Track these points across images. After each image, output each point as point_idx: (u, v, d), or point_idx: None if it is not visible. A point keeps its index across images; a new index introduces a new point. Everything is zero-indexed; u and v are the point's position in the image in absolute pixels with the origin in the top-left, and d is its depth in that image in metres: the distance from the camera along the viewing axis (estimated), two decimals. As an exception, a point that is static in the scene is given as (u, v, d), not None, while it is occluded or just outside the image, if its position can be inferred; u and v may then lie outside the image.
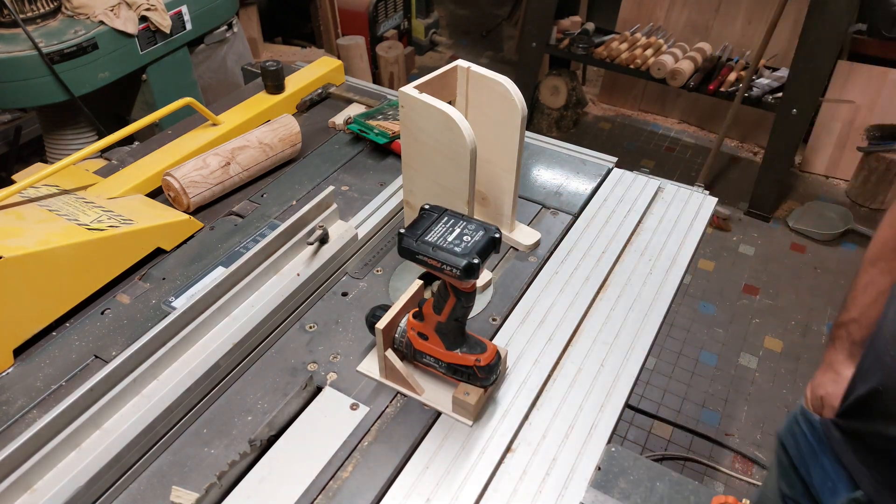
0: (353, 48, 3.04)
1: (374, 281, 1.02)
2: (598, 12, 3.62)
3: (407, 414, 0.82)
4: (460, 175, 0.89)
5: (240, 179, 1.18)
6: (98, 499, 0.73)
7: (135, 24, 1.65)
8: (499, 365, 0.80)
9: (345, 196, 1.18)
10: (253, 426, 0.81)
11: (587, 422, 0.83)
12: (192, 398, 0.82)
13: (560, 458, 0.79)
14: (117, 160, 1.24)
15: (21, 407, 0.83)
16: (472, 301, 0.76)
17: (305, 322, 0.95)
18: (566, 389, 0.87)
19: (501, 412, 0.83)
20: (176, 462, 0.78)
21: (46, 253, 0.89)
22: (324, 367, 0.88)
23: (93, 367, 0.88)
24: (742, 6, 3.05)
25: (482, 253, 0.69)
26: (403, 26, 3.67)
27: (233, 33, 2.02)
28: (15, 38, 1.52)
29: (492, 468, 0.77)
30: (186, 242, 1.08)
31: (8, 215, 0.96)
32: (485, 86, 0.93)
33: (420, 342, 0.81)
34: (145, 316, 0.95)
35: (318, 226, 1.01)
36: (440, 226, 0.73)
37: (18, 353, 0.90)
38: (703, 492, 0.75)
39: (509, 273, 1.03)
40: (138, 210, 1.07)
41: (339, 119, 1.36)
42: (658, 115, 3.48)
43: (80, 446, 0.74)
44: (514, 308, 0.98)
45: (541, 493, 0.75)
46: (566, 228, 1.12)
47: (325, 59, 1.50)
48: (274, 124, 1.23)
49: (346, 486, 0.75)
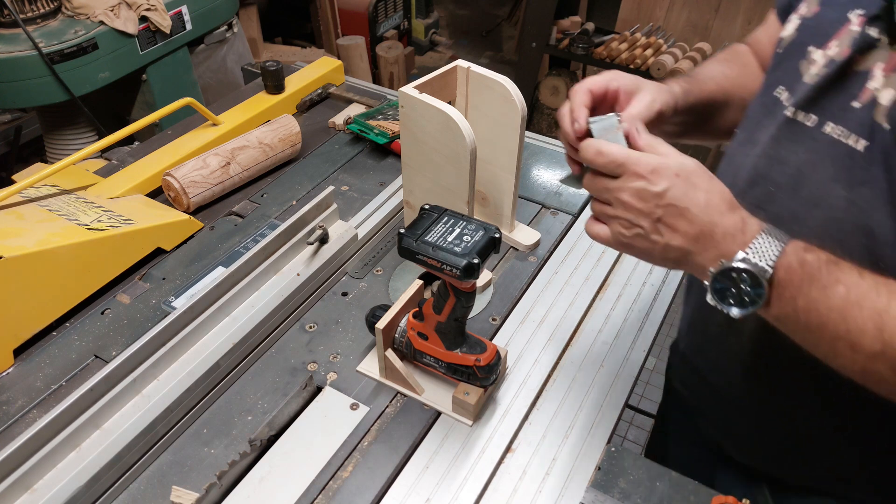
0: (353, 48, 3.04)
1: (374, 281, 1.02)
2: (598, 12, 3.61)
3: (407, 414, 0.82)
4: (460, 175, 0.89)
5: (240, 179, 1.18)
6: (98, 499, 0.73)
7: (135, 24, 1.65)
8: (499, 365, 0.81)
9: (345, 196, 1.18)
10: (253, 426, 0.81)
11: (587, 422, 0.83)
12: (192, 398, 0.82)
13: (560, 458, 0.79)
14: (117, 160, 1.24)
15: (21, 407, 0.83)
16: (472, 301, 0.76)
17: (305, 322, 0.95)
18: (566, 389, 0.87)
19: (501, 412, 0.83)
20: (176, 462, 0.78)
21: (46, 253, 0.89)
22: (324, 367, 0.88)
23: (93, 367, 0.88)
24: (742, 6, 3.05)
25: (482, 253, 0.69)
26: (403, 26, 3.67)
27: (233, 33, 2.02)
28: (15, 38, 1.52)
29: (492, 468, 0.77)
30: (186, 242, 1.08)
31: (8, 215, 0.96)
32: (485, 86, 0.93)
33: (420, 342, 0.81)
34: (145, 316, 0.95)
35: (318, 226, 1.01)
36: (440, 226, 0.73)
37: (18, 353, 0.90)
38: (703, 492, 0.75)
39: (509, 273, 1.03)
40: (138, 210, 1.07)
41: (339, 119, 1.36)
42: (658, 115, 3.47)
43: (80, 446, 0.74)
44: (514, 308, 0.98)
45: (541, 493, 0.75)
46: (566, 228, 1.12)
47: (325, 59, 1.50)
48: (274, 124, 1.23)
49: (346, 485, 0.75)
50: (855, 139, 0.60)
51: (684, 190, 0.56)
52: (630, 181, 0.58)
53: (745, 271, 0.54)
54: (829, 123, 0.63)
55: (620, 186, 0.59)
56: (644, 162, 0.58)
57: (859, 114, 0.60)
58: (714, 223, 0.56)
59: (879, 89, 0.58)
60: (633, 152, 0.59)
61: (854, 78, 0.61)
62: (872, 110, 0.58)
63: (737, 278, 0.54)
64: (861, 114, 0.60)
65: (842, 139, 0.61)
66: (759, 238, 0.54)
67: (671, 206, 0.57)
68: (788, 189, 0.67)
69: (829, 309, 0.53)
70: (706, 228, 0.56)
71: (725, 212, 0.56)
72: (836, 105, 0.62)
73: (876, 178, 0.59)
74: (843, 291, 0.52)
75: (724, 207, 0.56)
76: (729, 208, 0.56)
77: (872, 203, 0.60)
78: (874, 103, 0.58)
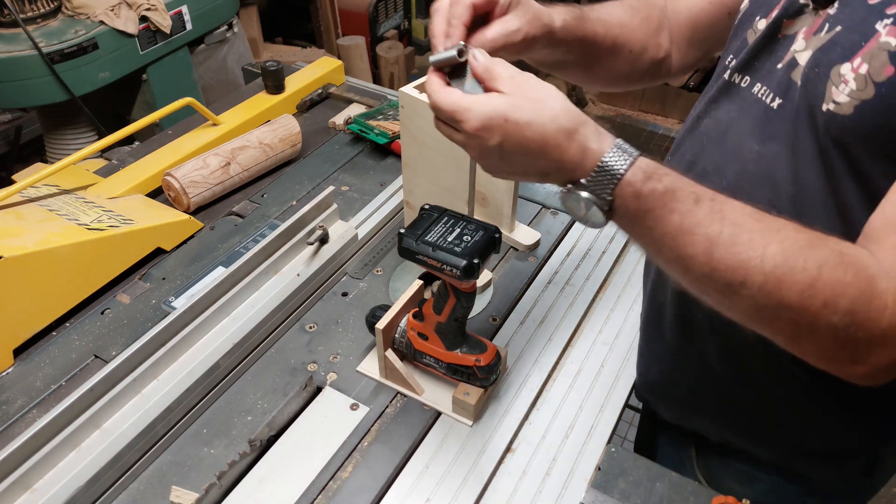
0: (354, 48, 3.04)
1: (374, 281, 1.02)
2: (598, 12, 3.61)
3: (407, 414, 0.82)
4: (460, 175, 0.89)
5: (240, 179, 1.18)
6: (98, 499, 0.73)
7: (135, 24, 1.65)
8: (499, 365, 0.80)
9: (345, 196, 1.18)
10: (253, 426, 0.81)
11: (587, 422, 0.83)
12: (191, 398, 0.82)
13: (560, 458, 0.79)
14: (117, 160, 1.24)
15: (21, 407, 0.83)
16: (472, 301, 0.76)
17: (305, 322, 0.95)
18: (566, 389, 0.87)
19: (501, 412, 0.83)
20: (176, 462, 0.78)
21: (46, 253, 0.89)
22: (324, 367, 0.88)
23: (93, 367, 0.88)
24: (742, 6, 3.05)
25: (482, 253, 0.69)
26: (404, 26, 3.67)
27: (233, 33, 2.02)
28: (15, 38, 1.52)
29: (492, 468, 0.77)
30: (186, 242, 1.08)
31: (8, 215, 0.96)
32: (485, 86, 0.93)
33: (420, 342, 0.81)
34: (145, 316, 0.95)
35: (318, 226, 1.01)
36: (440, 226, 0.73)
37: (18, 353, 0.90)
38: (703, 492, 0.75)
39: (509, 273, 1.03)
40: (138, 210, 1.07)
41: (339, 119, 1.36)
42: (658, 115, 3.48)
43: (80, 446, 0.74)
44: (514, 308, 0.98)
45: (541, 493, 0.75)
46: (566, 228, 1.12)
47: (325, 59, 1.50)
48: (274, 124, 1.23)
49: (346, 486, 0.75)
50: (772, 97, 0.63)
51: (518, 136, 0.56)
52: (467, 138, 0.58)
53: (585, 200, 0.55)
54: (758, 84, 0.65)
55: (462, 142, 0.59)
56: (473, 116, 0.56)
57: (779, 74, 0.62)
58: (555, 158, 0.56)
59: (799, 51, 0.60)
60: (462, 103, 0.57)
61: (782, 42, 0.63)
62: (791, 71, 0.61)
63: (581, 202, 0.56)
64: (781, 74, 0.62)
65: (762, 98, 0.64)
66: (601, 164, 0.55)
67: (511, 155, 0.57)
68: (716, 143, 0.69)
69: (663, 235, 0.54)
70: (550, 165, 0.57)
71: (564, 143, 0.56)
72: (765, 67, 0.65)
73: (784, 134, 0.61)
74: (677, 220, 0.53)
75: (562, 137, 0.55)
76: (567, 137, 0.55)
77: (777, 157, 0.62)
78: (793, 63, 0.61)
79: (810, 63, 0.58)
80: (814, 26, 0.60)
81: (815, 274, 0.50)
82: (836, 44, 0.56)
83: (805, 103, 0.58)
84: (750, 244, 0.52)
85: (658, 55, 0.84)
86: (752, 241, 0.52)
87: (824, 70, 0.56)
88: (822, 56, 0.57)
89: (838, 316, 0.50)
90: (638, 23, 0.82)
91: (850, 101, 0.53)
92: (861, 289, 0.50)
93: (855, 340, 0.51)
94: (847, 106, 0.54)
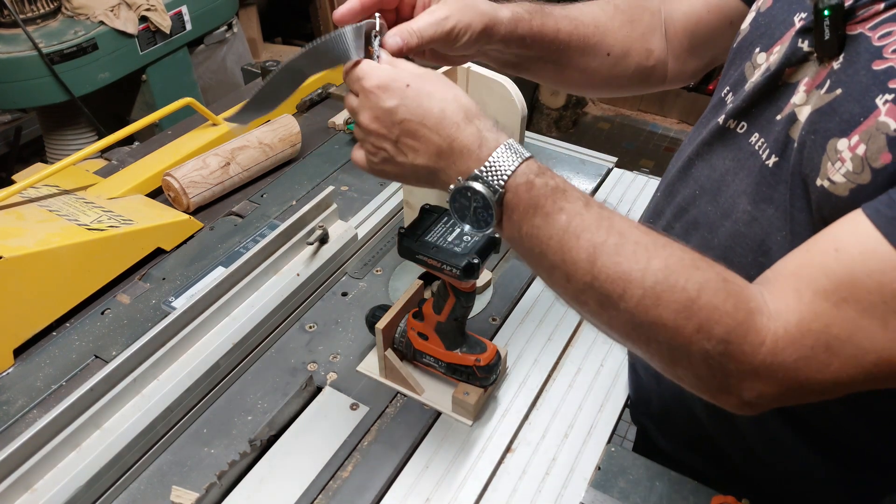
0: (353, 48, 3.03)
1: (374, 281, 1.02)
2: (597, 12, 3.62)
3: (407, 414, 0.82)
4: (460, 175, 0.89)
5: (240, 179, 1.18)
6: (98, 499, 0.73)
7: (135, 25, 1.65)
8: (499, 365, 0.81)
9: (345, 196, 1.18)
10: (253, 426, 0.81)
11: (587, 422, 0.83)
12: (192, 398, 0.82)
13: (560, 458, 0.79)
14: (117, 160, 1.25)
15: (21, 407, 0.83)
16: (472, 301, 0.76)
17: (305, 322, 0.95)
18: (566, 389, 0.87)
19: (501, 412, 0.83)
20: (176, 462, 0.78)
21: (46, 253, 0.89)
22: (324, 367, 0.88)
23: (93, 367, 0.88)
24: None
25: (482, 253, 0.69)
26: (403, 26, 3.67)
27: (233, 34, 2.02)
28: (15, 39, 1.52)
29: (492, 468, 0.77)
30: (186, 242, 1.08)
31: (8, 215, 0.96)
32: (485, 86, 0.93)
33: (420, 342, 0.81)
34: (145, 316, 0.95)
35: (318, 226, 1.01)
36: (440, 226, 0.73)
37: (18, 353, 0.90)
38: (703, 491, 0.75)
39: (509, 273, 1.03)
40: (138, 210, 1.07)
41: (339, 119, 1.36)
42: (657, 115, 3.48)
43: (80, 446, 0.74)
44: (514, 308, 0.98)
45: (540, 493, 0.75)
46: (566, 228, 1.11)
47: (324, 60, 1.50)
48: (274, 124, 1.23)
49: (346, 485, 0.75)
50: (769, 154, 0.59)
51: (417, 102, 0.53)
52: (364, 100, 0.55)
53: (477, 193, 0.52)
54: (755, 134, 0.61)
55: (360, 105, 0.56)
56: (375, 75, 0.54)
57: (778, 128, 0.58)
58: (451, 137, 0.53)
59: (799, 105, 0.56)
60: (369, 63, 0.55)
61: (783, 91, 0.59)
62: (790, 126, 0.57)
63: (471, 198, 0.53)
64: (779, 128, 0.58)
65: (760, 152, 0.60)
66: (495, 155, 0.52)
67: (406, 122, 0.54)
68: (710, 195, 0.65)
69: (549, 237, 0.52)
70: (444, 144, 0.53)
71: (462, 123, 0.53)
72: (764, 116, 0.60)
73: (779, 198, 0.57)
74: (565, 221, 0.51)
75: (461, 117, 0.53)
76: (465, 118, 0.53)
77: (773, 223, 0.58)
78: (793, 118, 0.56)
79: (807, 126, 0.54)
80: (816, 79, 0.55)
81: (694, 295, 0.48)
82: (834, 111, 0.52)
83: (800, 171, 0.55)
84: (633, 256, 0.50)
85: (646, 62, 0.79)
86: (636, 253, 0.50)
87: (821, 141, 0.52)
88: (820, 122, 0.53)
89: (712, 343, 0.48)
90: (619, 25, 0.77)
91: (845, 182, 0.50)
92: (739, 320, 0.48)
93: (726, 371, 0.49)
94: (842, 187, 0.50)
